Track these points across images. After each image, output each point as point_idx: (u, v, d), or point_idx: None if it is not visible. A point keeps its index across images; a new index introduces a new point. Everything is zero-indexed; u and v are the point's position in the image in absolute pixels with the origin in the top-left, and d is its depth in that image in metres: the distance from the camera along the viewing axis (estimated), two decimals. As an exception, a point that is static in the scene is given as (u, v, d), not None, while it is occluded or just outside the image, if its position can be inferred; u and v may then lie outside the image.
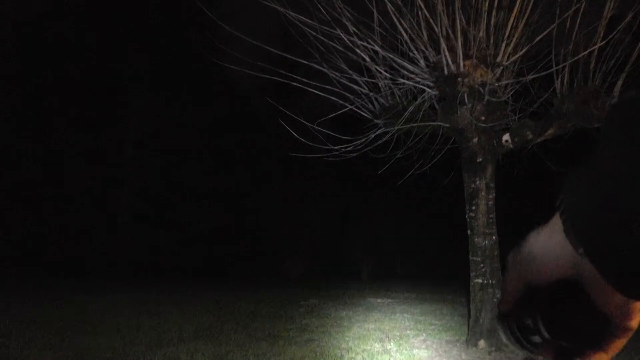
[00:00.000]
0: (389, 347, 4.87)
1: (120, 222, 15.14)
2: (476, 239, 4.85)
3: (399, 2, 4.47)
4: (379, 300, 9.18)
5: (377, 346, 4.90)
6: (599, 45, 4.54)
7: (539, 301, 0.39)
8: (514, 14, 4.36)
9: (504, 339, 0.44)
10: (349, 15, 4.60)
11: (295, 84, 4.88)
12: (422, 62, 4.79)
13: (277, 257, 16.00)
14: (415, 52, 4.73)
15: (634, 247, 0.30)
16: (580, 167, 0.35)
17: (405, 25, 4.53)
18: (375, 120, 5.38)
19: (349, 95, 5.21)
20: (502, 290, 0.43)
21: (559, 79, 4.92)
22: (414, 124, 5.10)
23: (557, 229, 0.36)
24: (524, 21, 4.39)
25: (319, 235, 18.19)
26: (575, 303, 0.38)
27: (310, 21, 4.61)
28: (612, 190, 0.31)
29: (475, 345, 4.71)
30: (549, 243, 0.37)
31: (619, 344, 0.39)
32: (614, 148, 0.32)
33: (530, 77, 4.55)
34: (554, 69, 4.67)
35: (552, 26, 4.31)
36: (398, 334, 5.59)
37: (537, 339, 0.40)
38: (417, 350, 4.76)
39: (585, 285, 0.37)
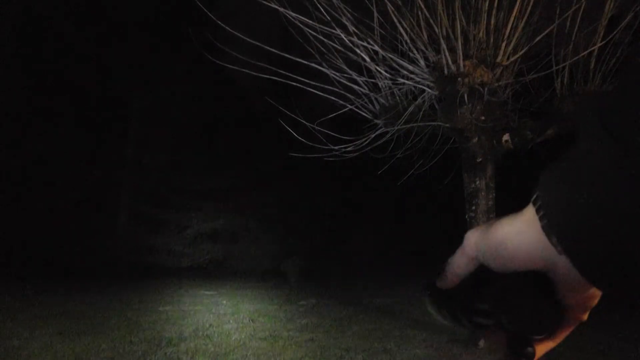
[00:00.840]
0: (389, 347, 4.87)
1: (120, 222, 15.14)
2: (476, 239, 4.84)
3: (399, 2, 4.46)
4: (378, 300, 9.17)
5: (377, 346, 4.90)
6: (599, 45, 4.54)
7: (501, 288, 0.39)
8: (514, 14, 4.35)
9: (432, 312, 0.44)
10: (349, 15, 4.59)
11: (295, 84, 4.88)
12: (422, 62, 4.79)
13: (277, 257, 15.99)
14: (415, 52, 4.72)
15: (614, 244, 0.30)
16: (556, 163, 0.35)
17: (405, 25, 4.53)
18: (375, 120, 5.38)
19: (349, 95, 5.21)
20: (450, 267, 0.43)
21: (559, 79, 4.92)
22: (414, 124, 5.10)
23: (532, 224, 0.36)
24: (523, 21, 4.38)
25: (319, 235, 18.18)
26: (539, 294, 0.38)
27: (310, 21, 4.60)
28: (592, 187, 0.31)
29: (475, 345, 4.71)
30: (523, 236, 0.37)
31: (567, 333, 0.40)
32: (591, 143, 0.32)
33: (530, 77, 4.55)
34: (554, 69, 4.67)
35: (552, 26, 4.31)
36: (398, 333, 5.59)
37: (488, 322, 0.40)
38: (417, 350, 4.76)
39: (554, 278, 0.37)
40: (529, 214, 0.37)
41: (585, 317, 0.40)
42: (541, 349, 0.40)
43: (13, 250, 12.59)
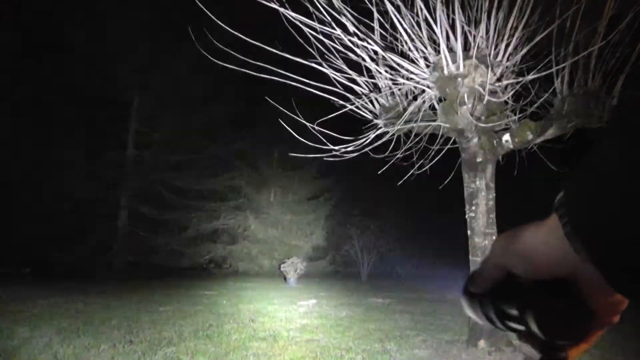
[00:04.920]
0: (389, 347, 4.87)
1: (120, 223, 15.14)
2: (476, 239, 4.85)
3: (399, 2, 4.47)
4: (379, 300, 9.17)
5: (377, 346, 4.90)
6: (599, 45, 4.54)
7: (529, 296, 0.39)
8: (514, 14, 4.35)
9: (470, 315, 0.45)
10: (348, 15, 4.59)
11: (295, 84, 4.88)
12: (422, 62, 4.79)
13: (277, 257, 15.99)
14: (415, 52, 4.72)
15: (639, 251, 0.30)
16: (579, 169, 0.35)
17: (405, 25, 4.53)
18: (375, 121, 5.38)
19: (349, 95, 5.21)
20: (480, 272, 0.43)
21: (559, 79, 4.92)
22: (414, 124, 5.10)
23: (555, 230, 0.36)
24: (524, 21, 4.38)
25: (319, 235, 18.18)
26: (565, 300, 0.38)
27: (310, 21, 4.60)
28: (618, 194, 0.31)
29: (475, 345, 4.70)
30: (546, 243, 0.37)
31: (599, 335, 0.40)
32: (618, 150, 0.32)
33: (530, 77, 4.55)
34: (554, 69, 4.67)
35: (552, 26, 4.31)
36: (398, 334, 5.59)
37: (520, 327, 0.41)
38: (417, 350, 4.76)
39: (579, 285, 0.37)
40: (552, 221, 0.37)
41: (616, 319, 0.40)
42: (574, 352, 0.40)
43: (13, 250, 12.58)
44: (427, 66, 4.84)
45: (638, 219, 0.30)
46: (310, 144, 5.19)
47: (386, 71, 4.94)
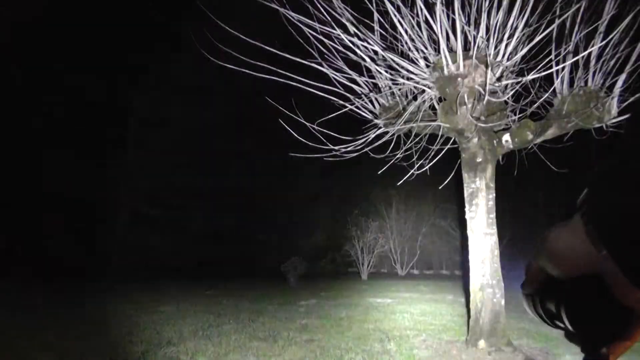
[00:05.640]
0: (389, 347, 4.87)
1: (120, 223, 15.14)
2: (476, 239, 4.85)
3: (399, 2, 4.47)
4: (379, 300, 9.17)
5: (377, 346, 4.90)
6: (599, 45, 4.54)
7: (561, 293, 0.40)
8: (514, 14, 4.36)
9: (530, 313, 0.48)
10: (349, 15, 4.60)
11: (295, 84, 4.88)
12: (422, 62, 4.79)
13: (277, 257, 15.98)
14: (415, 52, 4.72)
15: None
16: (601, 171, 0.35)
17: (405, 25, 4.53)
18: (375, 121, 5.38)
19: (349, 95, 5.21)
20: (526, 273, 0.45)
21: (559, 79, 4.92)
22: (414, 124, 5.10)
23: (578, 230, 0.37)
24: (523, 21, 4.38)
25: (319, 235, 18.18)
26: (596, 297, 0.39)
27: (310, 21, 4.61)
28: (636, 194, 0.31)
29: (475, 345, 4.70)
30: (570, 243, 0.38)
31: None
32: (635, 152, 0.32)
33: (530, 77, 4.55)
34: (554, 69, 4.67)
35: (552, 26, 4.31)
36: (398, 334, 5.59)
37: (560, 324, 0.42)
38: (417, 350, 4.75)
39: (606, 281, 0.38)
40: (575, 220, 0.38)
41: None
42: (617, 350, 0.41)
43: (14, 251, 12.58)
44: (427, 66, 4.85)
45: None
46: (311, 143, 5.19)
47: (386, 71, 4.94)
